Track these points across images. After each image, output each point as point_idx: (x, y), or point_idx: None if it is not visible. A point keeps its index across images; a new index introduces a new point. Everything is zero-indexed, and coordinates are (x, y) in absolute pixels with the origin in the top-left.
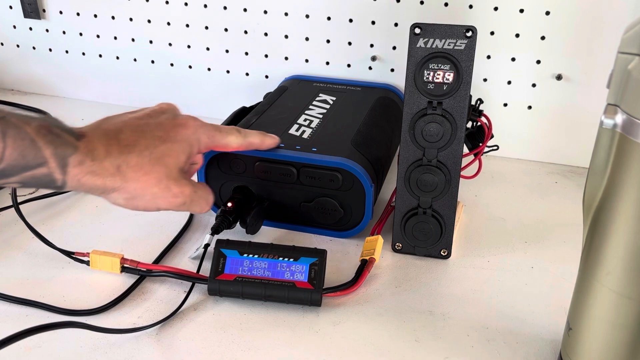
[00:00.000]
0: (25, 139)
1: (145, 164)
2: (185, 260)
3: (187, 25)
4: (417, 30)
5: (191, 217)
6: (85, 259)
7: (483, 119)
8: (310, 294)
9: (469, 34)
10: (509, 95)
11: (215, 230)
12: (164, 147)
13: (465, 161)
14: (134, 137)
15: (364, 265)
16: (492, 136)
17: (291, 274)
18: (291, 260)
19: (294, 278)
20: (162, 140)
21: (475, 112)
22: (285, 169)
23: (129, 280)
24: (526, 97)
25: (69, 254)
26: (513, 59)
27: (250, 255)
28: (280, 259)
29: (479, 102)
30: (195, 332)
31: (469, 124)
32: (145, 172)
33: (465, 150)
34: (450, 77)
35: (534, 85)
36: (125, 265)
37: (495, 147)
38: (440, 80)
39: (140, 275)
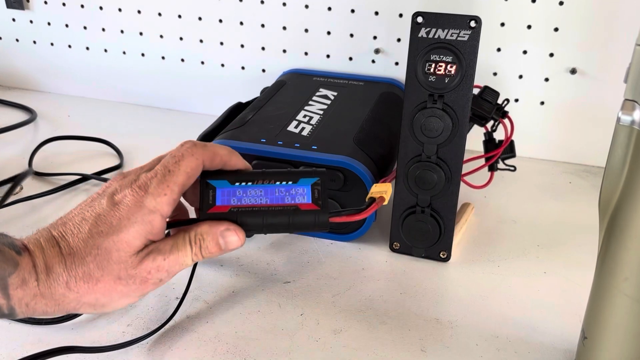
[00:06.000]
0: None
1: (93, 271)
2: None
3: (180, 17)
4: (420, 20)
5: None
6: None
7: (506, 121)
8: (317, 215)
9: (473, 24)
10: (521, 90)
11: None
12: (107, 243)
13: (473, 165)
14: (74, 242)
15: (373, 201)
16: (514, 154)
17: (292, 198)
18: (290, 183)
19: (296, 201)
20: (104, 236)
21: (499, 111)
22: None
23: None
24: (539, 93)
25: None
26: (524, 52)
27: (243, 184)
28: (277, 183)
29: (505, 102)
30: (188, 341)
31: (490, 124)
32: (96, 280)
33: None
34: (452, 69)
35: (546, 79)
36: None
37: (513, 168)
38: (442, 72)
39: None
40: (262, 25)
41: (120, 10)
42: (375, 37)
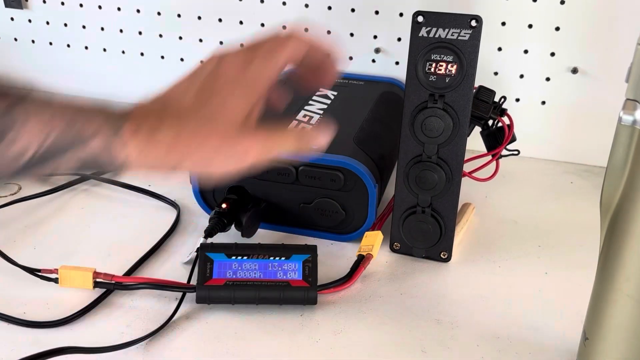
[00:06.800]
0: (70, 106)
1: (203, 126)
2: (176, 265)
3: (179, 16)
4: (420, 19)
5: (177, 219)
6: (53, 276)
7: (505, 118)
8: (306, 292)
9: (474, 23)
10: (522, 90)
11: (209, 233)
12: (217, 101)
13: (480, 162)
14: (181, 103)
15: (360, 261)
16: (514, 139)
17: (284, 273)
18: (282, 259)
19: (287, 277)
20: (213, 94)
21: (496, 109)
22: (283, 168)
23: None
24: (540, 92)
25: (33, 271)
26: (526, 51)
27: (239, 257)
28: (271, 258)
29: (502, 99)
30: (187, 343)
31: (490, 123)
32: (205, 136)
33: (484, 149)
34: (453, 69)
35: (548, 79)
36: (98, 280)
37: (516, 152)
38: (442, 72)
39: (115, 289)
40: (262, 25)
41: (119, 9)
42: (375, 37)
